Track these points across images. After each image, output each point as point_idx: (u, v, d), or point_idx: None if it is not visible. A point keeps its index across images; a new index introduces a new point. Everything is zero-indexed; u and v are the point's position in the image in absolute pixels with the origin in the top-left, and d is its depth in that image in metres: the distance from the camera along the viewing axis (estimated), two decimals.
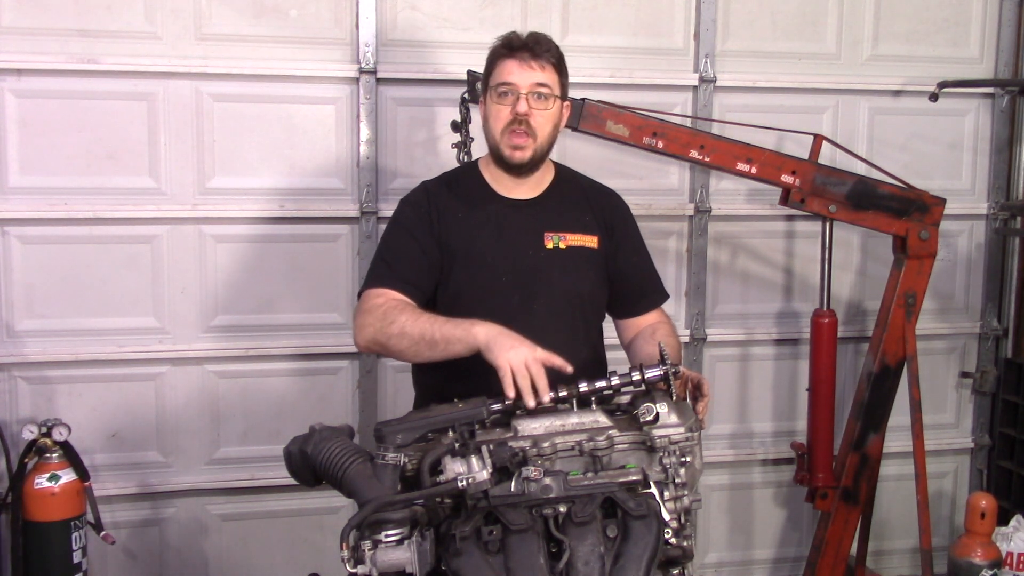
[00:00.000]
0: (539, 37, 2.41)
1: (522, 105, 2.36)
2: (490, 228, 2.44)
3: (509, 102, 2.37)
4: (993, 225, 4.13)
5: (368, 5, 3.45)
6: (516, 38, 2.40)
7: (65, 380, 3.41)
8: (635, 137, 3.20)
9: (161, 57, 3.34)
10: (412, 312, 2.29)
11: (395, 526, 1.85)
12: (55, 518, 3.15)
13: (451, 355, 2.21)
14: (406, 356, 2.31)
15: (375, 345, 2.33)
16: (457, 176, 2.58)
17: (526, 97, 2.36)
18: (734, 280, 3.94)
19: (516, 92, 2.36)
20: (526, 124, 2.37)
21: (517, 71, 2.36)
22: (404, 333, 2.25)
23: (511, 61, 2.37)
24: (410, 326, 2.25)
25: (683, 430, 2.07)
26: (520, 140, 2.38)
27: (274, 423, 3.57)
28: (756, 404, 4.02)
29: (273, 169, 3.49)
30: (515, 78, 2.36)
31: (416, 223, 2.44)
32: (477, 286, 2.42)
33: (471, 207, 2.46)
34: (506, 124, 2.38)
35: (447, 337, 2.20)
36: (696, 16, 3.75)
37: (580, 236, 2.48)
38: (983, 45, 4.03)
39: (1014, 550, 3.71)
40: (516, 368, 2.07)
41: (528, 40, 2.39)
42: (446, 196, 2.48)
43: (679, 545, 2.02)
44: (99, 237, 3.38)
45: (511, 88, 2.36)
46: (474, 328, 2.17)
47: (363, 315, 2.35)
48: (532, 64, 2.36)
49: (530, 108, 2.36)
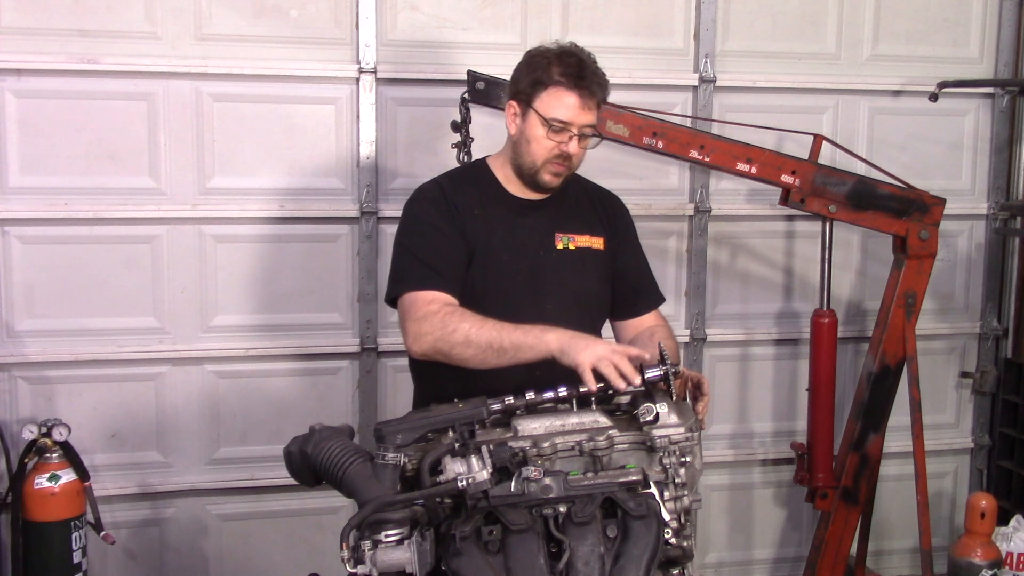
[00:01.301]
0: (599, 73, 2.35)
1: (573, 146, 2.34)
2: (504, 227, 2.44)
3: (562, 139, 2.34)
4: (993, 225, 4.13)
5: (368, 5, 3.45)
6: (580, 68, 2.32)
7: (65, 380, 3.41)
8: (635, 137, 3.20)
9: (161, 57, 3.34)
10: (474, 319, 2.23)
11: (395, 526, 1.85)
12: (55, 518, 3.15)
13: (519, 361, 2.19)
14: (471, 364, 2.24)
15: (436, 353, 2.26)
16: (470, 174, 2.57)
17: (577, 138, 2.34)
18: (734, 280, 3.94)
19: (570, 131, 2.33)
20: (569, 159, 2.37)
21: (576, 110, 2.31)
22: (469, 341, 2.20)
23: (572, 97, 2.31)
24: (475, 334, 2.20)
25: (683, 430, 2.08)
26: (560, 169, 2.38)
27: (274, 423, 3.57)
28: (756, 404, 4.02)
29: (273, 169, 3.49)
30: (573, 117, 2.32)
31: (443, 220, 2.40)
32: (491, 284, 2.41)
33: (486, 205, 2.45)
34: (552, 156, 2.36)
35: (517, 345, 2.18)
36: (696, 16, 3.75)
37: (588, 237, 2.49)
38: (983, 45, 4.03)
39: (1014, 550, 3.71)
40: (599, 361, 2.08)
41: (594, 77, 2.32)
42: (462, 193, 2.46)
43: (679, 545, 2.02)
44: (99, 237, 3.38)
45: (567, 126, 2.32)
46: (546, 336, 2.16)
47: (418, 322, 2.27)
48: (590, 104, 2.32)
49: (578, 148, 2.36)
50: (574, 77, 2.31)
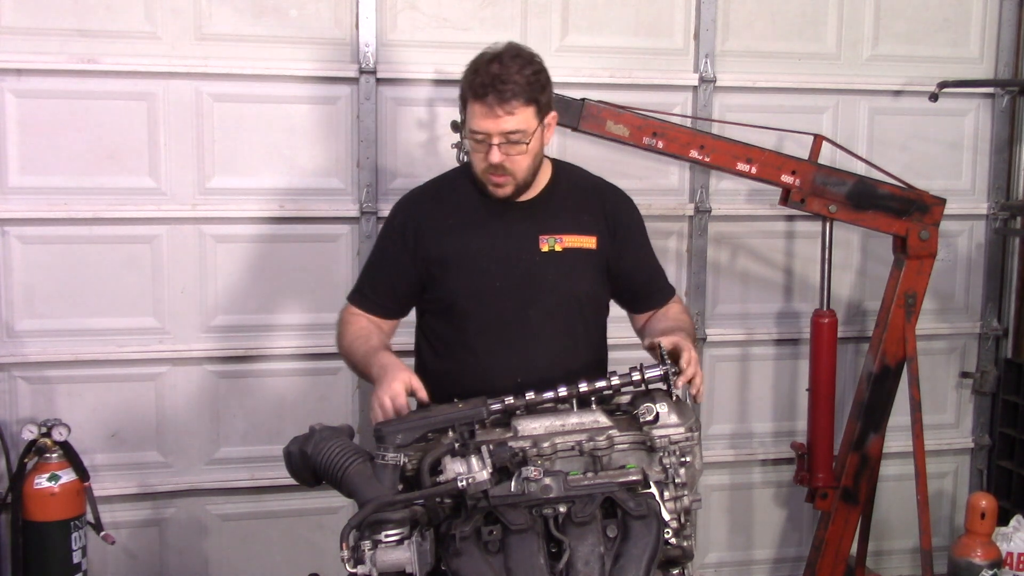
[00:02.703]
0: (504, 76, 2.22)
1: (494, 155, 2.26)
2: (483, 233, 2.40)
3: (483, 149, 2.28)
4: (993, 225, 4.13)
5: (368, 5, 3.45)
6: (482, 78, 2.24)
7: (65, 380, 3.41)
8: (635, 137, 3.20)
9: (161, 57, 3.34)
10: (354, 332, 2.44)
11: (395, 526, 1.85)
12: (55, 518, 3.15)
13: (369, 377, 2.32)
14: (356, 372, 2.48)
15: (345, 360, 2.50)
16: (448, 181, 2.54)
17: (498, 147, 2.26)
18: (734, 280, 3.94)
19: (488, 141, 2.26)
20: (502, 168, 2.30)
21: (484, 120, 2.24)
22: (343, 349, 2.46)
23: (479, 106, 2.25)
24: (346, 345, 2.44)
25: (683, 430, 2.08)
26: (500, 180, 2.33)
27: (274, 423, 3.57)
28: (756, 404, 4.02)
29: (273, 169, 3.49)
30: (485, 127, 2.25)
31: (393, 245, 2.49)
32: (472, 292, 2.39)
33: (463, 212, 2.42)
34: (485, 167, 2.32)
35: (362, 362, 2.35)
36: (696, 16, 3.74)
37: (577, 237, 2.43)
38: (983, 45, 4.03)
39: (1014, 550, 3.71)
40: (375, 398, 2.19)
41: (495, 83, 2.22)
42: (430, 205, 2.46)
43: (679, 545, 2.03)
44: (99, 237, 3.38)
45: (483, 136, 2.26)
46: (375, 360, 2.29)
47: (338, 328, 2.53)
48: (499, 111, 2.22)
49: (503, 156, 2.27)
50: (477, 87, 2.24)
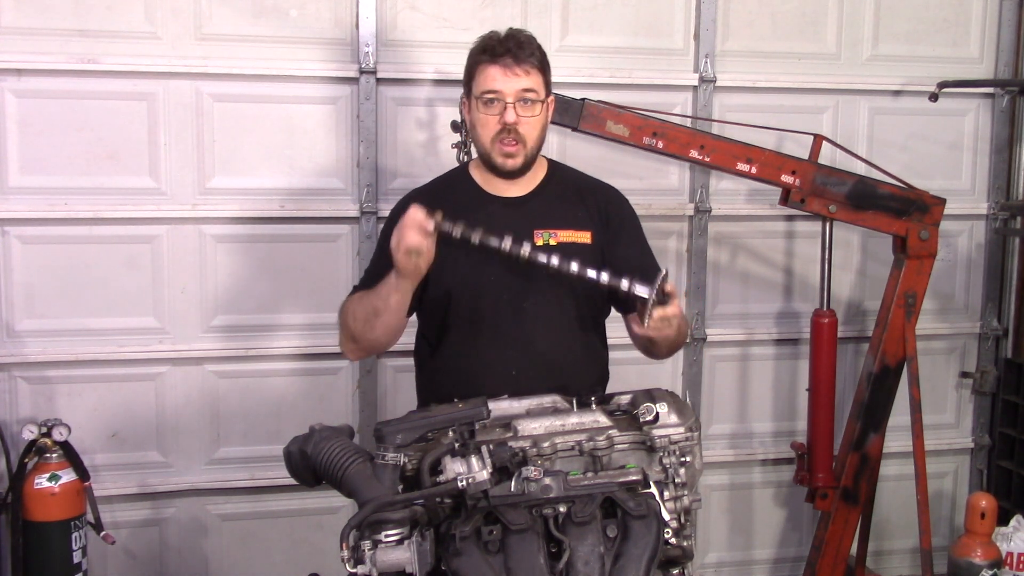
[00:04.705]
0: (520, 39, 2.35)
1: (510, 115, 2.31)
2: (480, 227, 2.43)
3: (496, 111, 2.33)
4: (993, 225, 4.13)
5: (368, 5, 3.45)
6: (497, 42, 2.34)
7: (65, 380, 3.41)
8: (635, 137, 3.20)
9: (161, 57, 3.34)
10: (356, 298, 2.41)
11: (395, 526, 1.85)
12: (55, 518, 3.15)
13: (395, 304, 2.29)
14: (376, 332, 2.37)
15: (358, 350, 2.46)
16: (447, 181, 2.57)
17: (513, 106, 2.32)
18: (734, 280, 3.94)
19: (503, 100, 2.32)
20: (515, 132, 2.34)
21: (502, 79, 2.31)
22: (357, 318, 2.38)
23: (494, 68, 2.32)
24: (358, 309, 2.37)
25: (683, 430, 2.08)
26: (511, 148, 2.36)
27: (274, 423, 3.57)
28: (756, 404, 4.02)
29: (273, 169, 3.49)
30: (500, 85, 2.31)
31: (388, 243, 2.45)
32: (466, 287, 2.41)
33: (461, 211, 2.41)
34: (495, 133, 2.35)
35: (379, 292, 2.31)
36: (696, 16, 3.74)
37: (571, 232, 2.44)
38: (983, 45, 4.03)
39: (1014, 550, 3.71)
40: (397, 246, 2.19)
41: (510, 44, 2.33)
42: (436, 201, 2.45)
43: (679, 545, 2.02)
44: (99, 237, 3.38)
45: (497, 96, 2.32)
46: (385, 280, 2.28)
47: (339, 331, 2.47)
48: (516, 70, 2.31)
49: (518, 116, 2.33)
50: (491, 49, 2.34)
